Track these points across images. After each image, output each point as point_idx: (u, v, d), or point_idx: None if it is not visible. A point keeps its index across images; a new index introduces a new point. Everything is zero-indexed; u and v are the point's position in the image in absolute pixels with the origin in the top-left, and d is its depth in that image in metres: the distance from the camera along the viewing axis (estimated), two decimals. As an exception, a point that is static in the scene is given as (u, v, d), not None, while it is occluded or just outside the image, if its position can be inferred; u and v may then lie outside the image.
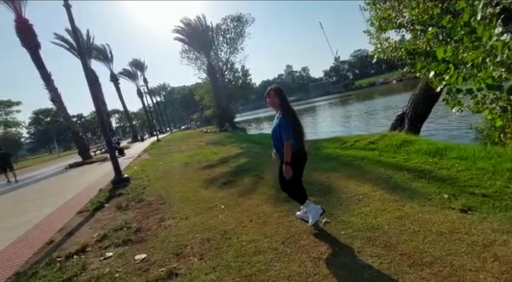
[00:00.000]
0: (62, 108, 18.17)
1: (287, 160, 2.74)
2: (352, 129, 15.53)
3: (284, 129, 2.76)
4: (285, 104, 2.91)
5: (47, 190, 9.27)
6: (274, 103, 2.93)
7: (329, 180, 4.61)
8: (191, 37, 29.10)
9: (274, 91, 2.92)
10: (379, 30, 9.33)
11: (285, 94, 2.96)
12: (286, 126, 2.77)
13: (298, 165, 2.93)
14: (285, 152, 2.73)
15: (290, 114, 2.86)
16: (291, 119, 2.83)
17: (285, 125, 2.77)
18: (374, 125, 15.68)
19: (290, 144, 2.73)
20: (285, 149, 2.73)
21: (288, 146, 2.72)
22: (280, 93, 2.92)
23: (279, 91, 2.93)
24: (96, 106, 7.17)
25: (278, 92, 2.92)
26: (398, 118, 8.39)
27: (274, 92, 2.92)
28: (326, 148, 7.90)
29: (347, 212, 3.27)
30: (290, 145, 2.73)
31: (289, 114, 2.86)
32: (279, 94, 2.91)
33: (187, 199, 4.95)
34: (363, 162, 5.45)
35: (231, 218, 3.68)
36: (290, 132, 2.75)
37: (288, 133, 2.74)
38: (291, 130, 2.76)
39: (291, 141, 2.73)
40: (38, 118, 59.54)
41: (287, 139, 2.73)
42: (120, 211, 4.94)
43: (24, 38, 16.72)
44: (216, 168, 7.34)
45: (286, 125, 2.77)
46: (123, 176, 7.30)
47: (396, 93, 36.37)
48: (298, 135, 2.86)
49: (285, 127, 2.76)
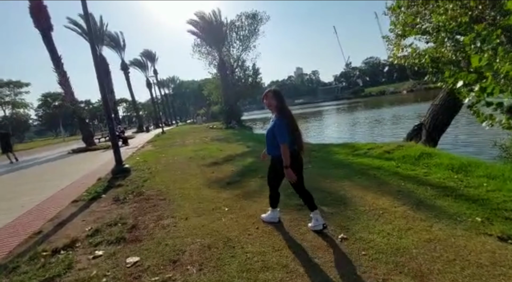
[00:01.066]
0: (69, 92, 18.00)
1: (287, 163, 2.68)
2: (360, 137, 15.09)
3: (279, 132, 2.71)
4: (282, 107, 2.84)
5: (47, 174, 9.04)
6: (270, 105, 2.88)
7: (342, 189, 4.25)
8: (205, 31, 28.79)
9: (273, 93, 2.87)
10: (398, 36, 8.96)
11: (284, 98, 2.87)
12: (282, 129, 2.72)
13: (294, 169, 2.76)
14: (283, 155, 2.67)
15: (286, 116, 2.81)
16: (286, 122, 2.77)
17: (280, 128, 2.72)
18: (381, 135, 15.22)
19: (287, 147, 2.68)
20: (283, 152, 2.67)
21: (285, 149, 2.67)
22: (278, 95, 2.86)
23: (277, 93, 2.87)
24: (102, 92, 6.88)
25: (276, 94, 2.86)
26: (415, 128, 7.98)
27: (272, 94, 2.87)
28: (336, 153, 7.54)
29: (366, 228, 2.91)
30: (287, 147, 2.68)
31: (285, 116, 2.80)
32: (276, 96, 2.85)
33: (188, 196, 4.63)
34: (379, 172, 5.08)
35: (235, 223, 3.35)
36: (285, 135, 2.70)
37: (284, 136, 2.70)
38: (286, 133, 2.71)
39: (287, 144, 2.68)
40: (47, 101, 59.80)
41: (283, 142, 2.68)
42: (116, 204, 4.64)
43: (37, 19, 16.54)
44: (221, 166, 7.02)
45: (281, 128, 2.72)
46: (124, 166, 7.02)
47: (407, 104, 35.72)
48: (295, 140, 2.80)
49: (280, 130, 2.71)
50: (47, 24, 16.90)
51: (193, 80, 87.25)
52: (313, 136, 18.43)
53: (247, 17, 30.37)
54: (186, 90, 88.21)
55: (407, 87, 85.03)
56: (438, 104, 7.89)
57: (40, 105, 65.78)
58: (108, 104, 7.06)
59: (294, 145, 2.79)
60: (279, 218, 3.30)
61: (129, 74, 41.66)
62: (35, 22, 16.52)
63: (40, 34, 16.74)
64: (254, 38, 31.00)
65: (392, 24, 8.92)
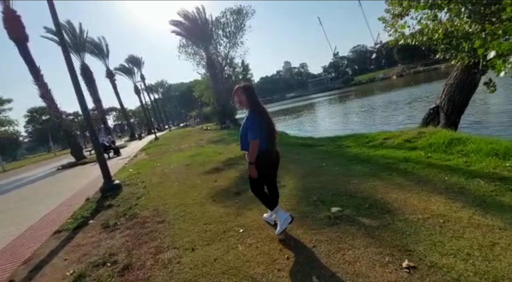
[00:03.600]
0: (52, 105, 17.00)
1: (251, 159, 2.61)
2: (362, 127, 14.40)
3: (250, 128, 2.59)
4: (253, 103, 2.72)
5: (31, 197, 8.17)
6: (241, 102, 2.76)
7: (376, 191, 3.53)
8: (189, 30, 27.78)
9: (242, 89, 2.75)
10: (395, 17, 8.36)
11: (255, 93, 2.75)
12: (252, 124, 2.60)
13: (268, 166, 2.77)
14: (251, 151, 2.59)
15: (258, 111, 2.70)
16: (258, 117, 2.66)
17: (251, 123, 2.61)
18: (385, 123, 14.57)
19: (257, 143, 2.57)
20: (251, 148, 2.58)
21: (253, 145, 2.57)
22: (247, 90, 2.74)
23: (246, 89, 2.75)
24: (81, 103, 6.01)
25: (246, 90, 2.74)
26: (431, 112, 7.30)
27: (241, 90, 2.74)
28: (349, 146, 6.85)
29: (433, 247, 2.20)
30: (256, 144, 2.57)
31: (257, 111, 2.69)
32: (246, 92, 2.73)
33: (191, 215, 3.87)
34: (409, 166, 4.38)
35: (256, 252, 2.60)
36: (256, 131, 2.59)
37: (254, 132, 2.58)
38: (257, 129, 2.60)
39: (257, 140, 2.57)
40: (33, 116, 58.04)
41: (253, 138, 2.56)
42: (106, 232, 3.86)
43: (11, 30, 15.52)
44: (223, 172, 6.26)
45: (252, 123, 2.61)
46: (113, 182, 6.20)
47: (399, 89, 35.23)
48: (268, 135, 2.68)
49: (251, 126, 2.60)
50: (23, 35, 15.86)
51: (182, 83, 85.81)
52: (311, 130, 17.69)
53: (232, 13, 29.49)
54: (175, 93, 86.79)
55: (397, 72, 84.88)
56: (453, 84, 7.22)
57: (29, 121, 64.02)
58: (89, 116, 6.21)
59: (267, 142, 2.66)
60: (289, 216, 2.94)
61: (115, 81, 40.35)
62: (10, 33, 15.47)
63: (16, 46, 15.70)
64: (241, 34, 30.14)
65: (390, 4, 8.27)
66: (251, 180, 2.77)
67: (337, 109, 29.28)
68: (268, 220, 3.18)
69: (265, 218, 3.25)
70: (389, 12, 8.24)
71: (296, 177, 4.72)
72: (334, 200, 3.43)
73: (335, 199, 3.48)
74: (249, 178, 2.77)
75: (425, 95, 21.84)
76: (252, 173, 2.66)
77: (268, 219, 3.18)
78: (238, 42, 30.40)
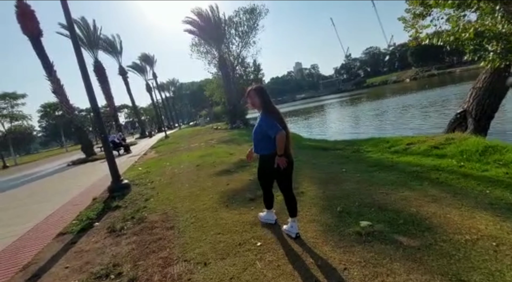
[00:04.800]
0: (64, 100, 17.04)
1: (281, 151, 2.57)
2: (378, 131, 13.89)
3: (269, 125, 2.59)
4: (266, 104, 2.71)
5: (38, 194, 8.05)
6: (254, 103, 2.76)
7: (409, 204, 3.17)
8: (203, 29, 27.64)
9: (254, 91, 2.73)
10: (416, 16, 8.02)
11: (267, 94, 2.74)
12: (270, 122, 2.60)
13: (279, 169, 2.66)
14: (279, 143, 2.53)
15: (273, 112, 2.69)
16: (274, 116, 2.64)
17: (268, 121, 2.61)
18: (399, 127, 14.04)
19: (283, 134, 2.53)
20: (278, 141, 2.53)
21: (280, 137, 2.51)
22: (260, 92, 2.73)
23: (259, 91, 2.74)
24: (91, 99, 5.81)
25: (259, 92, 2.73)
26: (457, 117, 6.84)
27: (254, 92, 2.73)
28: (369, 151, 6.46)
29: (491, 278, 1.83)
30: (282, 135, 2.52)
31: (272, 111, 2.69)
32: (259, 93, 2.72)
33: (203, 222, 3.58)
34: (441, 175, 4.00)
35: (278, 272, 2.28)
36: (276, 125, 2.55)
37: (275, 126, 2.54)
38: (276, 123, 2.56)
39: (282, 131, 2.53)
40: (47, 112, 59.08)
41: (277, 131, 2.52)
42: (111, 237, 3.61)
43: (25, 25, 15.59)
44: (235, 174, 5.97)
45: (269, 121, 2.60)
46: (122, 181, 5.97)
47: (413, 92, 34.30)
48: (287, 136, 2.64)
49: (270, 123, 2.59)
50: (36, 30, 15.94)
51: (193, 82, 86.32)
52: (324, 133, 17.23)
53: (245, 12, 29.25)
54: (186, 92, 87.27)
55: (410, 75, 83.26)
56: (482, 87, 6.76)
57: (42, 116, 65.22)
58: (99, 113, 6.02)
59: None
60: (276, 220, 3.17)
61: (127, 79, 40.64)
62: (23, 28, 15.56)
63: (29, 40, 15.79)
64: (254, 34, 29.87)
65: (410, 4, 7.94)
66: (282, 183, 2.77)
67: (348, 112, 28.65)
68: (265, 220, 3.21)
69: (260, 217, 3.28)
70: (409, 12, 7.85)
71: (315, 183, 4.39)
72: (362, 212, 3.09)
73: (362, 210, 3.13)
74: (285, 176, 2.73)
75: (442, 100, 21.15)
76: (282, 163, 2.60)
77: (264, 219, 3.22)
78: (250, 41, 30.15)
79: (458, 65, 75.78)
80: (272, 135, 2.54)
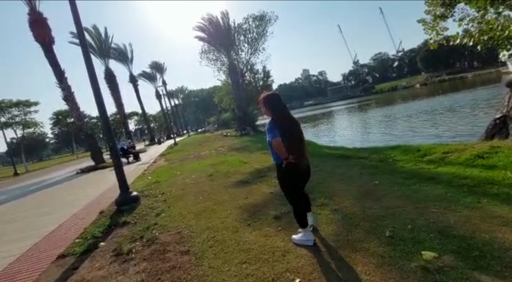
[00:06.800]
0: (75, 107, 16.92)
1: (284, 155, 2.50)
2: (399, 138, 13.17)
3: (268, 131, 2.58)
4: (274, 112, 2.66)
5: (43, 205, 7.67)
6: (264, 111, 2.81)
7: (475, 227, 2.59)
8: (213, 36, 27.54)
9: (262, 100, 2.73)
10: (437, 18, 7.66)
11: (274, 102, 2.69)
12: (269, 128, 2.57)
13: (296, 176, 2.65)
14: (277, 148, 2.49)
15: (279, 118, 2.61)
16: (281, 123, 2.57)
17: (268, 128, 2.59)
18: (418, 134, 13.32)
19: (278, 140, 2.46)
20: (276, 146, 2.48)
21: (276, 144, 2.47)
22: (267, 100, 2.71)
23: (266, 99, 2.71)
24: (99, 106, 5.45)
25: (265, 100, 2.71)
26: (497, 122, 6.21)
27: (262, 100, 2.74)
28: (399, 160, 5.88)
29: None
30: (278, 141, 2.46)
31: (278, 118, 2.61)
32: (266, 102, 2.71)
33: (223, 246, 3.06)
34: (497, 189, 3.41)
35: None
36: (274, 131, 2.51)
37: (272, 132, 2.51)
38: (275, 131, 2.51)
39: (278, 138, 2.46)
40: (59, 119, 59.99)
41: (273, 137, 2.48)
42: (118, 262, 3.12)
43: (37, 33, 15.60)
44: (254, 186, 5.45)
45: (269, 127, 2.57)
46: (130, 193, 5.53)
47: (426, 98, 33.25)
48: (295, 145, 2.58)
49: (268, 130, 2.58)
50: (48, 38, 15.92)
51: (202, 89, 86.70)
52: (338, 140, 16.56)
53: (254, 19, 29.11)
54: (195, 99, 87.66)
55: (420, 81, 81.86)
56: (524, 90, 6.15)
57: (54, 123, 66.27)
58: (108, 120, 5.65)
59: (295, 152, 2.55)
60: (314, 240, 2.75)
61: (138, 86, 40.87)
62: (35, 35, 15.57)
63: (41, 48, 15.79)
64: (263, 40, 29.68)
65: (430, 5, 7.56)
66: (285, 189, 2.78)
67: (359, 118, 27.87)
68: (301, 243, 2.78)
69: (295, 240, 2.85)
70: (429, 13, 7.43)
71: (349, 199, 3.84)
72: (419, 238, 2.53)
73: (419, 236, 2.58)
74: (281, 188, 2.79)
75: (458, 105, 20.28)
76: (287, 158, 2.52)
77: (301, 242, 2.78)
78: (259, 48, 29.96)
79: (470, 70, 74.27)
80: (268, 141, 2.57)
